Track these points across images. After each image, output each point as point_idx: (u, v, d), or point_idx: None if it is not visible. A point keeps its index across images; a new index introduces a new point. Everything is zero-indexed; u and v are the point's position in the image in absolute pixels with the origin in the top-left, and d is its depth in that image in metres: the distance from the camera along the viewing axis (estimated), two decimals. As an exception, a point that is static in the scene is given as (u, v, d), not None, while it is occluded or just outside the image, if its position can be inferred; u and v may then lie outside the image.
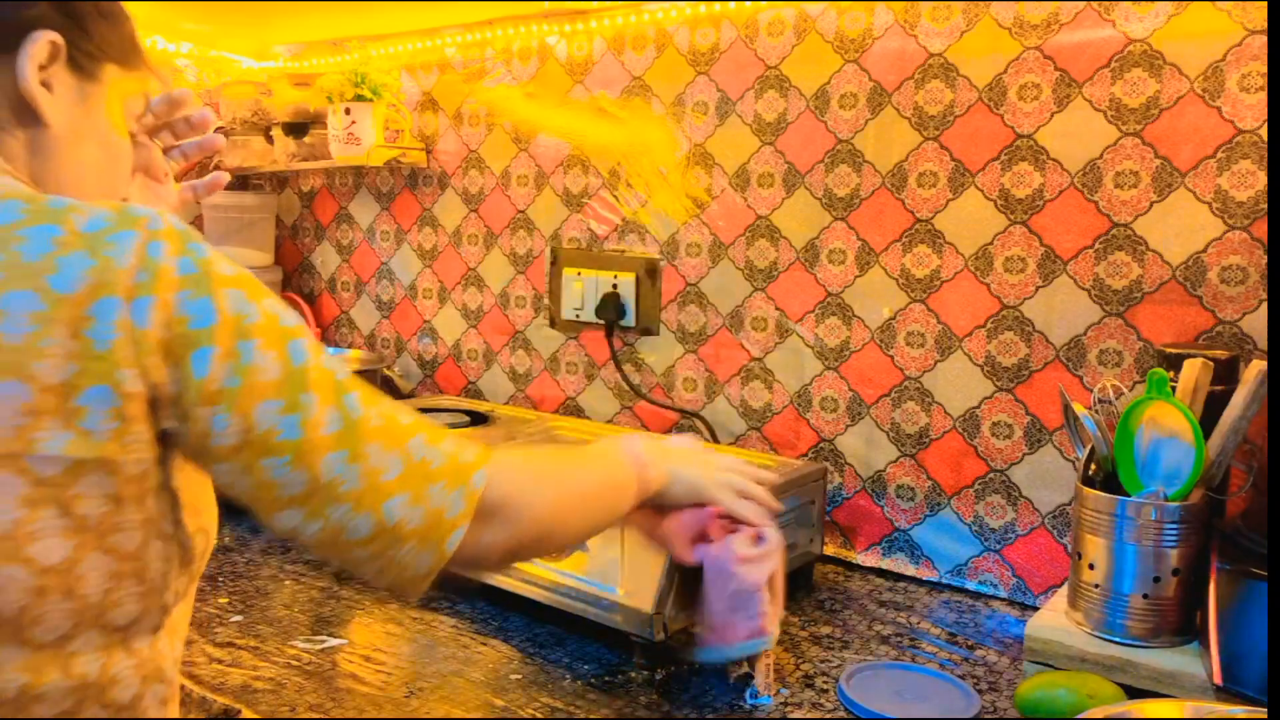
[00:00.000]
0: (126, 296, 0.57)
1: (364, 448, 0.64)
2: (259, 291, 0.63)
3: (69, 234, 0.58)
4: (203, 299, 0.59)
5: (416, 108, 1.86)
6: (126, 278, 0.57)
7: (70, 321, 0.55)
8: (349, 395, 0.64)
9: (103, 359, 0.56)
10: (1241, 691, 0.89)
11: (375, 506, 0.64)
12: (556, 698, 1.00)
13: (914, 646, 1.14)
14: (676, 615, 1.05)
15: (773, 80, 1.44)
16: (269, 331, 0.61)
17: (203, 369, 0.59)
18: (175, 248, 0.59)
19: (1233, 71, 1.11)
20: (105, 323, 0.56)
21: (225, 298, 0.60)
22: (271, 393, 0.61)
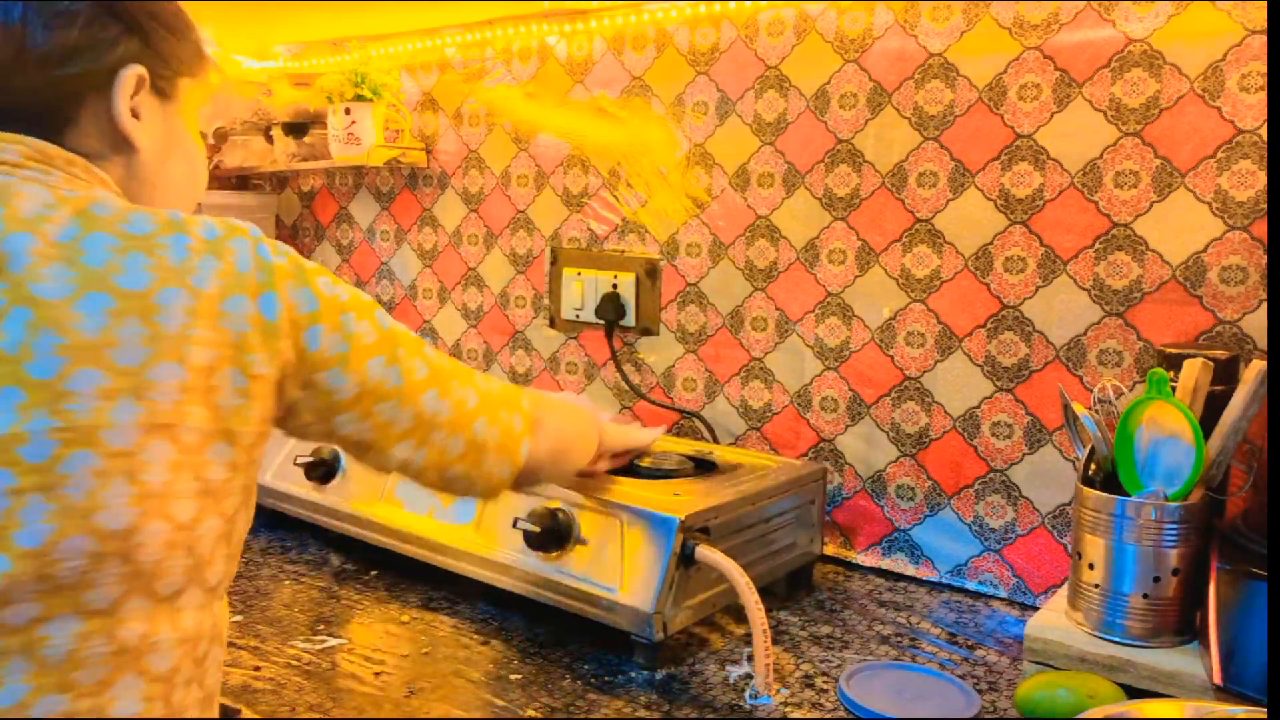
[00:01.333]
0: (253, 294, 0.68)
1: (449, 385, 0.81)
2: (335, 276, 0.76)
3: (197, 241, 0.68)
4: (304, 288, 0.72)
5: (416, 108, 1.86)
6: (251, 278, 0.68)
7: (211, 314, 0.66)
8: (425, 347, 0.81)
9: (237, 347, 0.67)
10: (1241, 691, 0.89)
11: (466, 428, 0.83)
12: (556, 698, 1.00)
13: (914, 646, 1.15)
14: (676, 614, 1.05)
15: (773, 80, 1.44)
16: (358, 306, 0.76)
17: (315, 343, 0.72)
18: (274, 249, 0.71)
19: (1233, 71, 1.11)
20: (238, 315, 0.67)
21: (319, 285, 0.73)
22: (374, 352, 0.75)
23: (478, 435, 0.84)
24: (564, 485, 1.12)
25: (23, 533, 0.59)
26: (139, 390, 0.62)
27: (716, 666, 1.08)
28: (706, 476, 1.25)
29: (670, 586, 1.03)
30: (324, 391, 0.74)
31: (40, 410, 0.60)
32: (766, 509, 1.19)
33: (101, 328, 0.62)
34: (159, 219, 0.68)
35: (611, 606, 1.06)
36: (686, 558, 1.04)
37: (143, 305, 0.63)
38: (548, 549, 1.11)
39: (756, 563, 1.16)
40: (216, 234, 0.69)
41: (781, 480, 1.24)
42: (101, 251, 0.64)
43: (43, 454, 0.60)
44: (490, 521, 1.20)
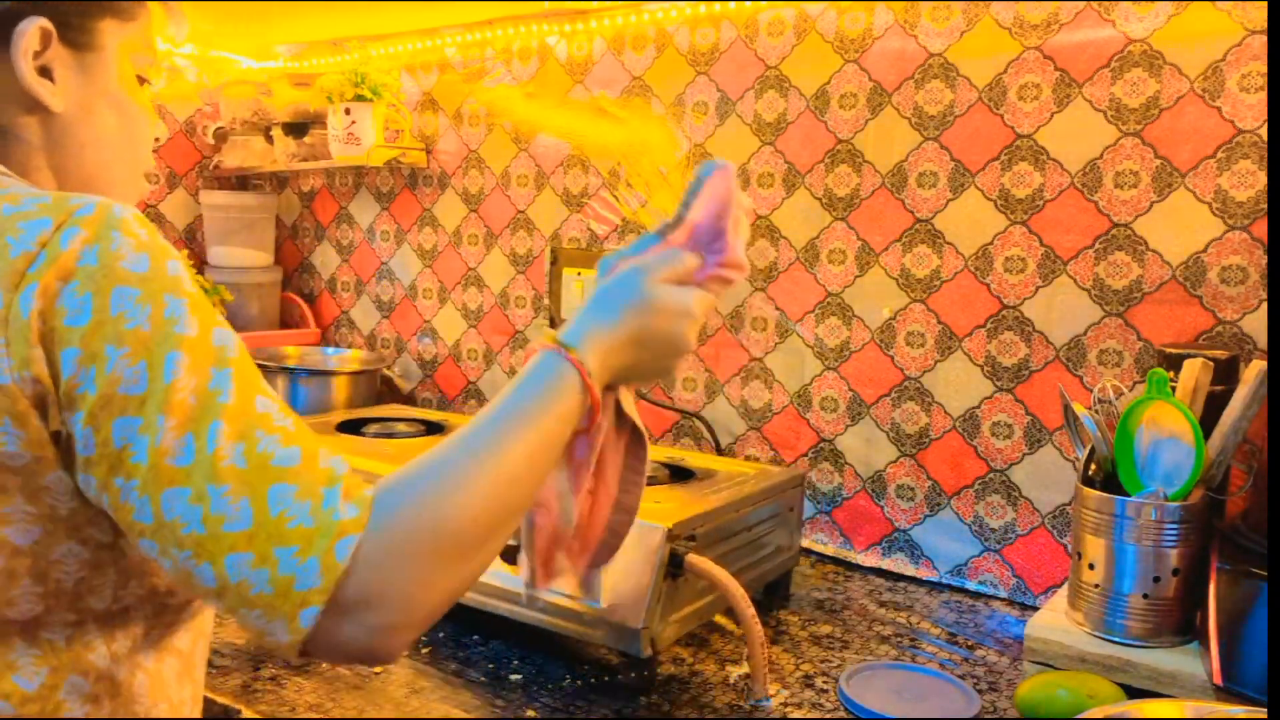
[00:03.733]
0: (14, 285, 0.54)
1: (207, 488, 0.55)
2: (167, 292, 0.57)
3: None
4: (85, 295, 0.55)
5: (416, 108, 1.86)
6: (21, 264, 0.55)
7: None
8: (214, 424, 0.56)
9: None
10: (1241, 691, 0.89)
11: (215, 558, 0.55)
12: (556, 698, 1.00)
13: (914, 646, 1.14)
14: (665, 628, 1.00)
15: (773, 80, 1.44)
16: (148, 339, 0.56)
17: (67, 368, 0.55)
18: (89, 235, 0.56)
19: (1233, 71, 1.11)
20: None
21: (112, 295, 0.55)
22: (132, 408, 0.55)
23: (233, 573, 0.55)
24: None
25: None
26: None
27: (716, 666, 1.08)
28: (686, 484, 1.21)
29: (658, 599, 0.98)
30: (68, 434, 0.57)
31: None
32: (749, 516, 1.16)
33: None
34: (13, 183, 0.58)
35: (596, 622, 1.00)
36: (674, 568, 0.99)
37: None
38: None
39: (741, 571, 1.12)
40: (17, 211, 0.57)
41: (762, 486, 1.20)
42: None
43: None
44: None
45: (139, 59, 0.74)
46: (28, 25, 0.65)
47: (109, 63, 0.71)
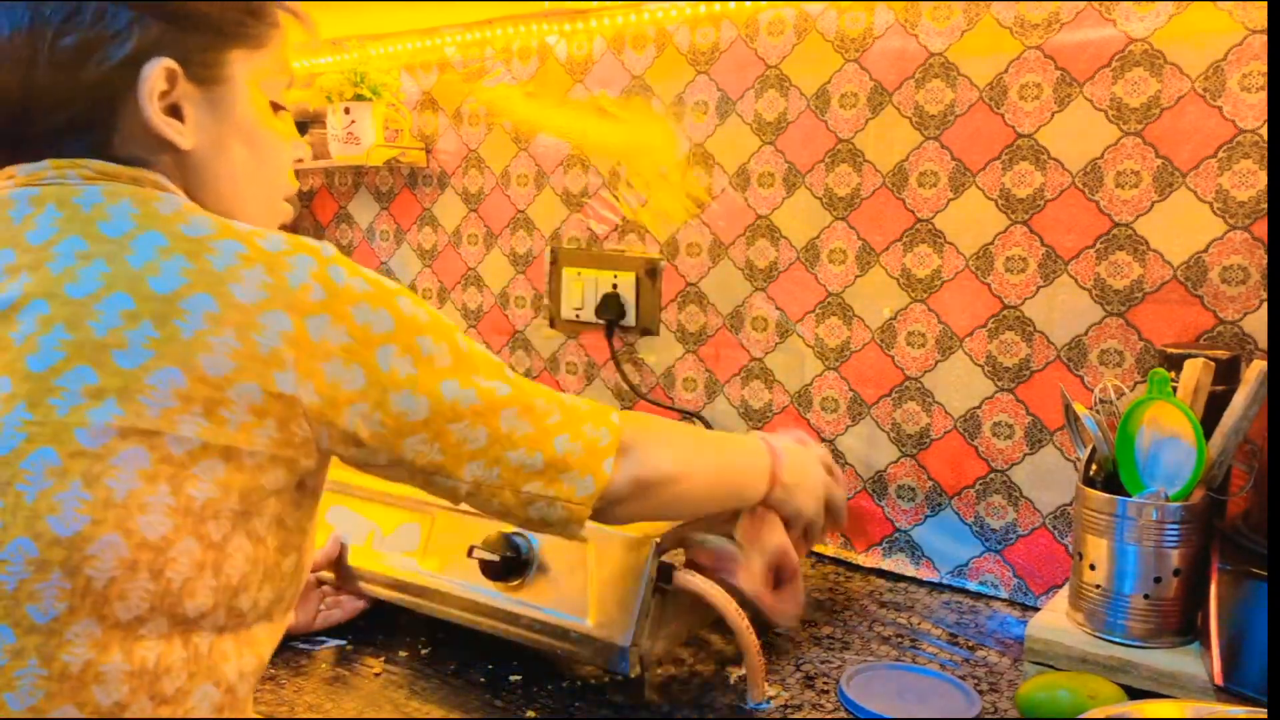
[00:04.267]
0: (299, 312, 0.63)
1: (530, 401, 0.73)
2: (420, 299, 0.71)
3: (252, 250, 0.63)
4: (380, 309, 0.66)
5: (416, 107, 1.85)
6: (301, 296, 0.63)
7: (241, 325, 0.61)
8: (506, 370, 0.74)
9: (263, 361, 0.61)
10: (1242, 692, 0.89)
11: (545, 444, 0.73)
12: (556, 698, 1.00)
13: (914, 647, 1.14)
14: (654, 645, 0.97)
15: (773, 80, 1.44)
16: (436, 329, 0.70)
17: (386, 363, 0.66)
18: (350, 271, 0.67)
19: (1234, 71, 1.11)
20: (273, 330, 0.61)
21: (399, 305, 0.68)
22: (448, 374, 0.69)
23: (558, 452, 0.74)
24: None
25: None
26: (128, 392, 0.58)
27: (716, 666, 1.08)
28: None
29: (646, 615, 0.95)
30: (392, 414, 0.67)
31: (21, 402, 0.57)
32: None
33: (112, 328, 0.58)
34: (220, 224, 0.64)
35: (582, 640, 0.98)
36: (662, 583, 0.96)
37: (164, 309, 0.59)
38: (508, 579, 1.02)
39: None
40: (280, 248, 0.64)
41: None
42: (148, 251, 0.61)
43: (8, 446, 0.57)
44: (439, 550, 1.10)
45: (271, 84, 0.76)
46: (152, 67, 0.66)
47: (239, 94, 0.72)
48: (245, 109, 0.73)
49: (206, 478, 0.61)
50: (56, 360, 0.58)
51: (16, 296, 0.60)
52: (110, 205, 0.63)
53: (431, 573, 1.09)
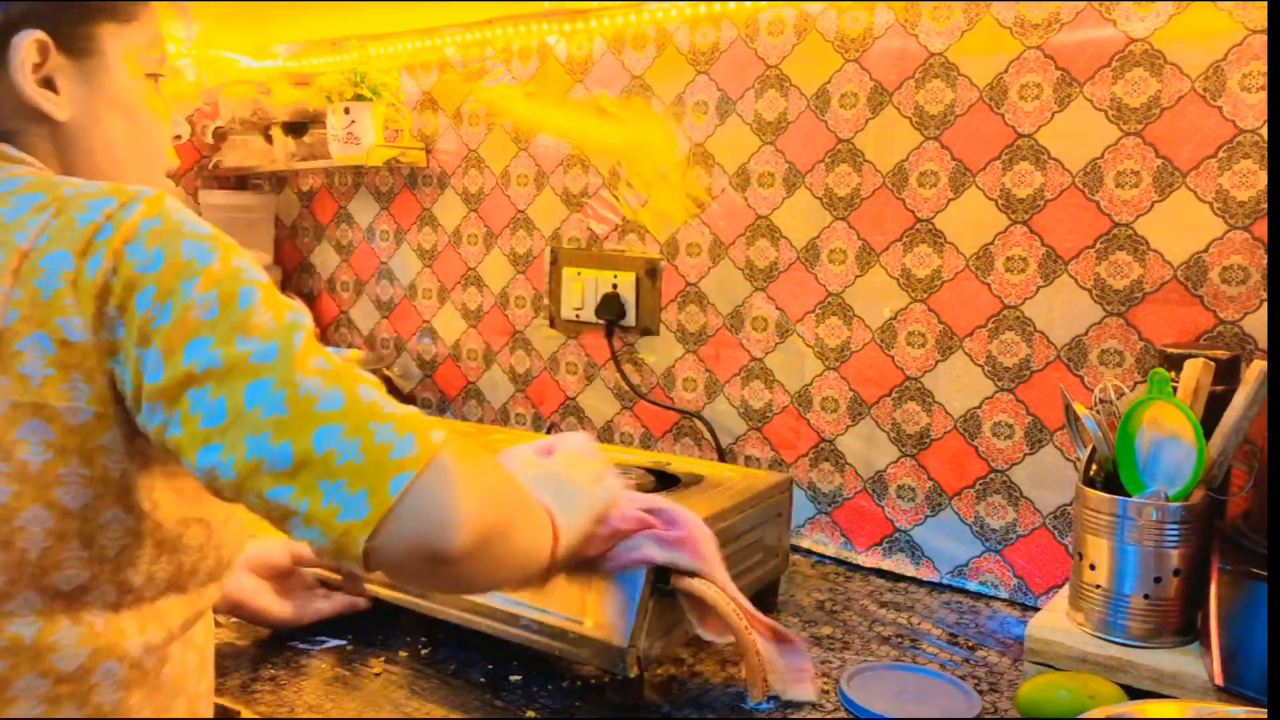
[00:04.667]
0: (81, 251, 0.59)
1: (295, 375, 0.58)
2: (231, 250, 0.62)
3: (49, 198, 0.61)
4: (155, 248, 0.59)
5: (416, 107, 1.85)
6: (87, 234, 0.59)
7: (19, 271, 0.58)
8: (297, 335, 0.60)
9: (44, 306, 0.58)
10: (1242, 692, 0.89)
11: (300, 434, 0.57)
12: (556, 698, 1.00)
13: (915, 647, 1.14)
14: (652, 646, 0.96)
15: (773, 80, 1.44)
16: (220, 276, 0.60)
17: (142, 306, 0.59)
18: (151, 209, 0.61)
19: (1234, 71, 1.11)
20: (53, 272, 0.58)
21: (182, 246, 0.60)
22: (205, 330, 0.58)
23: (318, 445, 0.57)
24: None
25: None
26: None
27: (716, 666, 1.08)
28: (671, 492, 1.16)
29: (644, 616, 0.94)
30: (136, 371, 0.60)
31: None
32: (737, 525, 1.12)
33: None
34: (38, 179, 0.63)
35: (579, 640, 0.97)
36: (661, 585, 0.95)
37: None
38: None
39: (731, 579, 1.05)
40: (79, 192, 0.61)
41: (751, 493, 1.16)
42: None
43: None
44: None
45: (146, 59, 0.74)
46: (23, 38, 0.66)
47: (112, 67, 0.72)
48: (120, 81, 0.72)
49: (32, 440, 0.59)
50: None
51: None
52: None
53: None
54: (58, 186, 0.62)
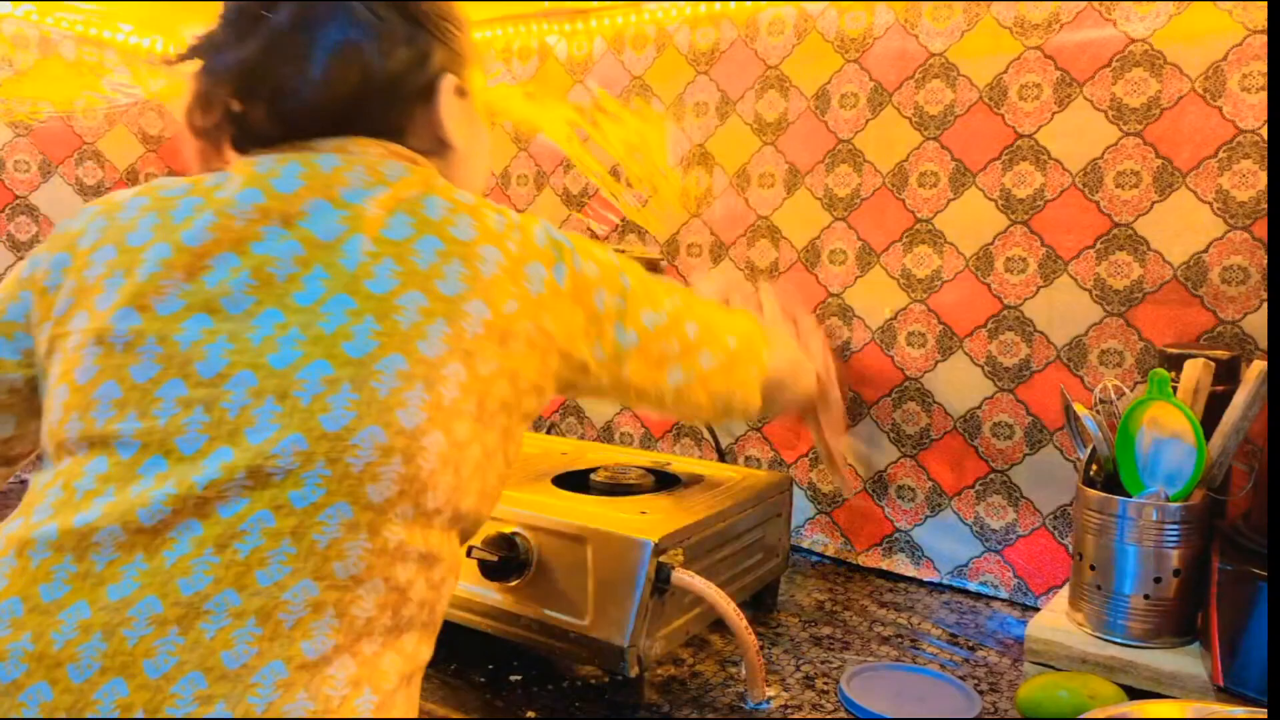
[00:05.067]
0: (548, 264, 0.76)
1: (701, 313, 0.90)
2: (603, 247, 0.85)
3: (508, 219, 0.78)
4: (588, 261, 0.80)
5: (416, 108, 1.85)
6: (547, 251, 0.77)
7: (514, 273, 0.74)
8: (674, 291, 0.88)
9: (536, 304, 0.74)
10: (1242, 692, 0.89)
11: (719, 343, 0.90)
12: (556, 698, 1.00)
13: (915, 647, 1.14)
14: (652, 645, 0.96)
15: (773, 80, 1.44)
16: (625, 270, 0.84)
17: (603, 303, 0.80)
18: (559, 232, 0.80)
19: (1234, 71, 1.11)
20: (536, 278, 0.75)
21: (597, 255, 0.82)
22: (644, 303, 0.83)
23: (730, 346, 0.91)
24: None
25: (328, 416, 0.64)
26: (452, 315, 0.69)
27: (716, 667, 1.08)
28: (671, 491, 1.17)
29: (644, 616, 0.95)
30: (612, 343, 0.81)
31: (369, 315, 0.67)
32: (737, 525, 1.12)
33: (431, 263, 0.71)
34: (481, 199, 0.79)
35: (580, 640, 0.97)
36: (661, 584, 0.96)
37: (466, 252, 0.72)
38: (507, 579, 1.02)
39: (728, 583, 1.08)
40: (519, 218, 0.79)
41: (751, 493, 1.16)
42: (438, 210, 0.74)
43: (362, 350, 0.66)
44: None
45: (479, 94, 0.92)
46: (445, 81, 0.82)
47: (476, 104, 0.89)
48: (478, 116, 0.90)
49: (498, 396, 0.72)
50: (391, 286, 0.69)
51: (342, 231, 0.71)
52: (407, 176, 0.77)
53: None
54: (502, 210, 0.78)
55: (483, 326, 0.70)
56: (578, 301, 0.78)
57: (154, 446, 0.65)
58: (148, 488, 0.64)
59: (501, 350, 0.71)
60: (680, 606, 1.01)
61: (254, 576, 0.61)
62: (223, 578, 0.61)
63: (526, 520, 1.03)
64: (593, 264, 0.80)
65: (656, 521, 1.01)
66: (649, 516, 1.04)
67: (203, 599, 0.60)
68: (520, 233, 0.76)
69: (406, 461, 0.66)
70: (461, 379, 0.69)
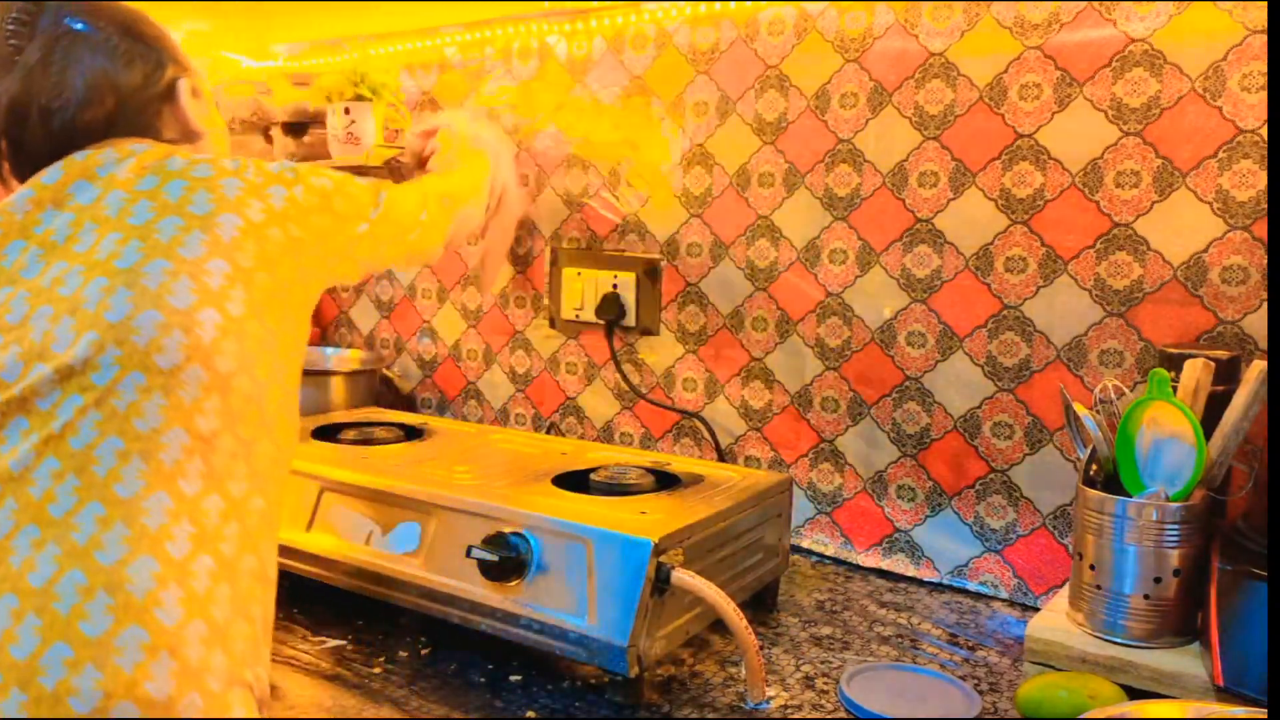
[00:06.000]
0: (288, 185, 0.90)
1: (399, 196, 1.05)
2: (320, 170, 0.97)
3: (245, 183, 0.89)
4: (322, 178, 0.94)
5: (416, 107, 1.85)
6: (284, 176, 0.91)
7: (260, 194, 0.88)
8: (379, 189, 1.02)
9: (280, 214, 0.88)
10: (1242, 692, 0.89)
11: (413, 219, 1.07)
12: (556, 698, 1.00)
13: (915, 647, 1.14)
14: (652, 645, 0.96)
15: (773, 80, 1.44)
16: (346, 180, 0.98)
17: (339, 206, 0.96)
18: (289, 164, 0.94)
19: (1233, 71, 1.11)
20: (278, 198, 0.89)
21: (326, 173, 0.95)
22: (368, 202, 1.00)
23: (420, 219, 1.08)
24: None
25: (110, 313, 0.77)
26: (206, 226, 0.83)
27: (716, 667, 1.08)
28: (671, 491, 1.17)
29: (644, 615, 0.95)
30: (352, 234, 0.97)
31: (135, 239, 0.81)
32: (737, 525, 1.12)
33: (180, 197, 0.84)
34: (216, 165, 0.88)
35: (580, 640, 0.97)
36: (661, 584, 0.96)
37: (210, 184, 0.85)
38: (507, 579, 1.01)
39: (728, 583, 1.07)
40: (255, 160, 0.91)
41: (751, 493, 1.16)
42: (178, 163, 0.87)
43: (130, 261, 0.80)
44: (439, 550, 1.09)
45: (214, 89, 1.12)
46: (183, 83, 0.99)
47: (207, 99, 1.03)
48: (212, 107, 1.03)
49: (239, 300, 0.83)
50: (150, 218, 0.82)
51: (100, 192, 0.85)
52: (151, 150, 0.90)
53: (431, 573, 1.08)
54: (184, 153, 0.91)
55: (237, 231, 0.84)
56: (320, 209, 0.92)
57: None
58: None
59: (258, 248, 0.84)
60: (680, 606, 1.01)
61: (67, 443, 0.74)
62: (42, 451, 0.74)
63: (526, 520, 1.03)
64: (327, 179, 0.94)
65: (656, 521, 1.01)
66: (649, 516, 1.04)
67: (29, 470, 0.73)
68: (255, 167, 0.90)
69: (186, 331, 0.77)
70: (225, 270, 0.82)
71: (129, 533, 0.71)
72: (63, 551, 0.70)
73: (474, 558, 1.01)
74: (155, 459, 0.74)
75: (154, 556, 0.71)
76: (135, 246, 0.81)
